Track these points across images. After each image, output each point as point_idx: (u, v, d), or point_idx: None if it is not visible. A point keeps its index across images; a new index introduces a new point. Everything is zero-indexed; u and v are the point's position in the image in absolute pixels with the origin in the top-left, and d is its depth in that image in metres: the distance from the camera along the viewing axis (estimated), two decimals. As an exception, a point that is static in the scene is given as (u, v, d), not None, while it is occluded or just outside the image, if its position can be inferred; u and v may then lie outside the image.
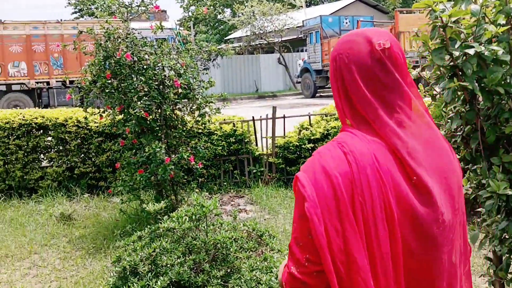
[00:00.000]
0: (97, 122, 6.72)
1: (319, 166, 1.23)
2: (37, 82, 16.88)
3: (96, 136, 6.87)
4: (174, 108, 5.44)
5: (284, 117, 7.23)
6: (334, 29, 22.32)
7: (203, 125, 5.72)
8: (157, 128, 5.28)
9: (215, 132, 6.99)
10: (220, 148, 6.94)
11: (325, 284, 1.23)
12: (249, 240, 3.82)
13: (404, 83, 1.32)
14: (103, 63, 5.17)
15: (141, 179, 5.06)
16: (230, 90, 26.63)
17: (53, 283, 4.30)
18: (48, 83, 17.03)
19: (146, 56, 5.23)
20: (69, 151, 6.95)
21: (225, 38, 39.45)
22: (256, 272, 3.28)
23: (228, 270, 3.45)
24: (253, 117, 7.25)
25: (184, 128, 5.61)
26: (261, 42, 28.75)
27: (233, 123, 7.10)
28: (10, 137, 6.87)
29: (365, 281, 1.19)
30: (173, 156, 5.25)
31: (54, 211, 6.04)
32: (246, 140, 7.12)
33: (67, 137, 6.88)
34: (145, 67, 5.13)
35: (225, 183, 7.03)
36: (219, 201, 6.47)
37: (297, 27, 26.68)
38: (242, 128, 7.11)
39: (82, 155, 6.98)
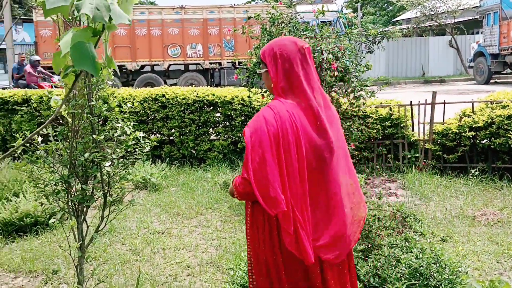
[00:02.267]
0: (259, 101, 7.25)
1: (263, 120, 2.21)
2: (211, 63, 18.34)
3: (258, 114, 7.41)
4: (330, 90, 5.65)
5: (444, 102, 7.01)
6: (515, 10, 20.32)
7: (358, 108, 5.86)
8: (313, 108, 5.56)
9: (371, 115, 7.07)
10: (375, 131, 7.01)
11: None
12: (393, 220, 3.93)
13: (314, 72, 2.33)
14: (267, 46, 5.57)
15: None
16: (394, 74, 25.93)
17: (214, 241, 4.89)
18: (220, 63, 18.40)
19: (307, 40, 5.51)
20: (234, 126, 7.62)
21: (393, 20, 38.22)
22: (395, 250, 3.40)
23: (369, 246, 3.62)
24: (410, 101, 7.15)
25: (339, 110, 5.80)
26: (431, 24, 27.34)
27: (390, 107, 7.09)
28: (186, 111, 7.76)
29: (272, 183, 2.16)
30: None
31: (219, 179, 6.74)
32: (402, 125, 7.07)
33: (232, 114, 7.55)
34: (304, 50, 5.41)
35: (377, 167, 7.09)
36: (370, 183, 6.59)
37: (473, 7, 24.82)
38: (398, 112, 7.07)
39: (245, 131, 7.59)
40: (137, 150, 3.13)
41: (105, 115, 3.13)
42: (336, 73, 5.45)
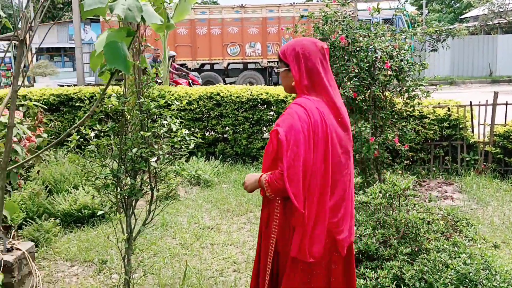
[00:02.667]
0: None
1: (297, 118, 2.29)
2: (269, 62, 18.41)
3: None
4: (384, 89, 5.54)
5: (506, 103, 6.70)
6: None
7: (412, 108, 5.71)
8: (366, 108, 5.47)
9: (428, 115, 6.86)
10: (432, 132, 6.80)
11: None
12: (442, 224, 3.81)
13: (330, 71, 2.47)
14: (319, 45, 5.53)
15: (346, 155, 5.32)
16: (459, 73, 25.01)
17: (261, 238, 4.92)
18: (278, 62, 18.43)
19: (361, 39, 5.42)
20: (287, 125, 7.61)
21: (459, 17, 36.85)
22: (442, 254, 3.30)
23: (416, 249, 3.53)
24: (470, 102, 6.88)
25: (392, 110, 5.68)
26: (500, 21, 26.13)
27: (448, 108, 6.86)
28: (240, 110, 7.84)
29: (298, 174, 2.25)
30: (379, 136, 5.40)
31: (270, 177, 6.75)
32: (461, 126, 6.82)
33: (286, 113, 7.54)
34: (357, 49, 5.34)
35: (434, 169, 6.88)
36: (425, 185, 6.41)
37: (546, 3, 23.52)
38: (457, 113, 6.82)
39: (298, 129, 7.58)
40: (183, 146, 3.21)
41: (154, 112, 3.22)
42: (389, 72, 5.34)
